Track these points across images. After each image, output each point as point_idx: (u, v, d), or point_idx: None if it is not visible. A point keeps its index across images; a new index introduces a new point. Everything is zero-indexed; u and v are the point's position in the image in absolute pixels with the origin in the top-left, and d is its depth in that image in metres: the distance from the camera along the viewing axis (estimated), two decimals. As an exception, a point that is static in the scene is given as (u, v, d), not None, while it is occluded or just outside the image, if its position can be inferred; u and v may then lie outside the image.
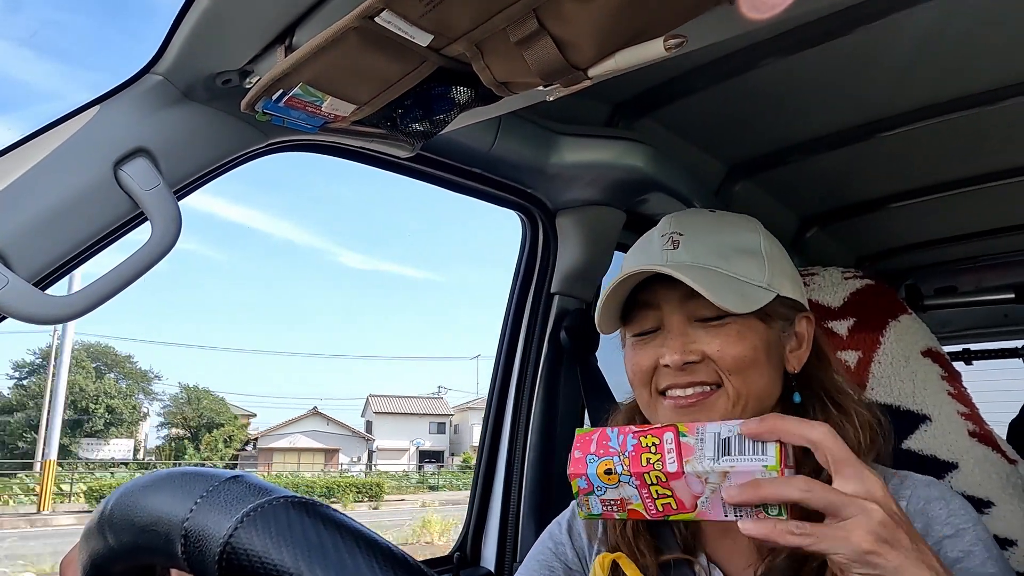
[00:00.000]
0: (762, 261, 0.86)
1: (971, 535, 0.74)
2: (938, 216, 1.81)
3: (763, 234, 0.89)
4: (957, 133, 1.37)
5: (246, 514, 0.39)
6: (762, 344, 0.82)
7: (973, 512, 0.77)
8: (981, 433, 1.21)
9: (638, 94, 1.31)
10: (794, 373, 0.86)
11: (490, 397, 1.57)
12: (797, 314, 0.87)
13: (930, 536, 0.75)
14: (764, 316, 0.83)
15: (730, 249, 0.85)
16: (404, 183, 30.62)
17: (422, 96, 0.82)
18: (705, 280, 0.78)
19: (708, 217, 0.91)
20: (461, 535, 1.55)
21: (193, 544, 0.40)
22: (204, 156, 0.89)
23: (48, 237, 0.77)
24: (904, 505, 0.77)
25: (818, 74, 1.20)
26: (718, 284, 0.80)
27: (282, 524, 0.39)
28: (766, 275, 0.84)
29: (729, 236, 0.87)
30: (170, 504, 0.42)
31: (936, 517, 0.76)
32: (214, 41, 0.79)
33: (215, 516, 0.40)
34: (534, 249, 1.52)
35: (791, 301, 0.86)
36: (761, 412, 0.83)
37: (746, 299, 0.81)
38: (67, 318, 0.76)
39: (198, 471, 0.45)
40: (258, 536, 0.38)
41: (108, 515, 0.45)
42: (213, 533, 0.39)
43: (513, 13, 0.66)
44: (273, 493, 0.41)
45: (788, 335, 0.87)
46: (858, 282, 1.36)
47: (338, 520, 0.40)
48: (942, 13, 1.02)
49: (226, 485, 0.42)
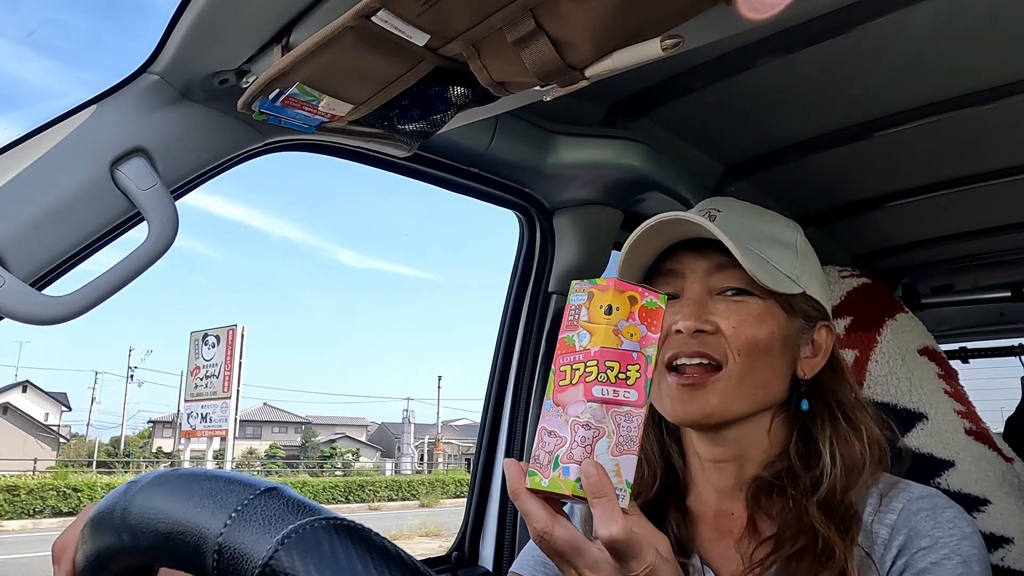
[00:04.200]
0: (795, 254, 0.86)
1: (948, 548, 0.72)
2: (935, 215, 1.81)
3: (800, 234, 0.90)
4: (954, 132, 1.37)
5: (287, 535, 0.38)
6: (779, 333, 0.82)
7: (964, 527, 0.75)
8: (977, 431, 1.21)
9: (635, 94, 1.32)
10: (804, 379, 0.85)
11: (488, 396, 1.57)
12: (819, 321, 0.87)
13: (909, 548, 0.74)
14: (787, 306, 0.83)
15: (765, 235, 0.86)
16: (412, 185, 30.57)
17: (419, 96, 0.82)
18: (740, 249, 0.78)
19: (747, 205, 0.91)
20: (459, 534, 1.55)
21: (227, 561, 0.38)
22: (201, 156, 0.89)
23: (45, 237, 0.77)
24: (893, 518, 0.76)
25: (814, 74, 1.20)
26: (751, 257, 0.80)
27: (325, 550, 0.37)
28: (796, 268, 0.84)
29: (767, 224, 0.88)
30: (201, 514, 0.40)
31: (919, 529, 0.74)
32: (211, 41, 0.79)
33: (253, 534, 0.38)
34: (531, 248, 1.52)
35: (816, 304, 0.86)
36: (764, 406, 0.83)
37: (775, 280, 0.81)
38: (63, 318, 0.76)
39: (230, 477, 0.43)
40: (301, 561, 0.37)
41: (123, 512, 0.43)
42: (251, 552, 0.38)
43: (510, 13, 0.66)
44: (315, 512, 0.39)
45: (806, 339, 0.86)
46: (855, 281, 1.36)
47: (382, 546, 0.39)
48: (938, 13, 1.02)
49: (262, 499, 0.40)
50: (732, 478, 0.85)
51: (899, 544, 0.74)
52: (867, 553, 0.75)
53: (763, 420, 0.84)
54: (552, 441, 0.62)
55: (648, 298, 0.64)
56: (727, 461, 0.85)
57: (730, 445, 0.84)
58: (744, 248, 0.80)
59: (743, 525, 0.83)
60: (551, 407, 0.63)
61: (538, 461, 0.63)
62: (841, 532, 0.75)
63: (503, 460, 0.62)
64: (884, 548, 0.75)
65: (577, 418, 0.61)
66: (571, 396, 0.62)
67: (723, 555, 0.83)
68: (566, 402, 0.62)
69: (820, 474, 0.79)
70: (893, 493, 0.79)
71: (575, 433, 0.61)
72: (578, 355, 0.63)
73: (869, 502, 0.79)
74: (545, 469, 0.62)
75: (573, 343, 0.64)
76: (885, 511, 0.77)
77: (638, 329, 0.64)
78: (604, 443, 0.61)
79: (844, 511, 0.77)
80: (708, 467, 0.86)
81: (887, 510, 0.77)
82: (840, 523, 0.76)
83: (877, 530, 0.76)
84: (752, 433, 0.84)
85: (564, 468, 0.61)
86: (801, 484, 0.80)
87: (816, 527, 0.75)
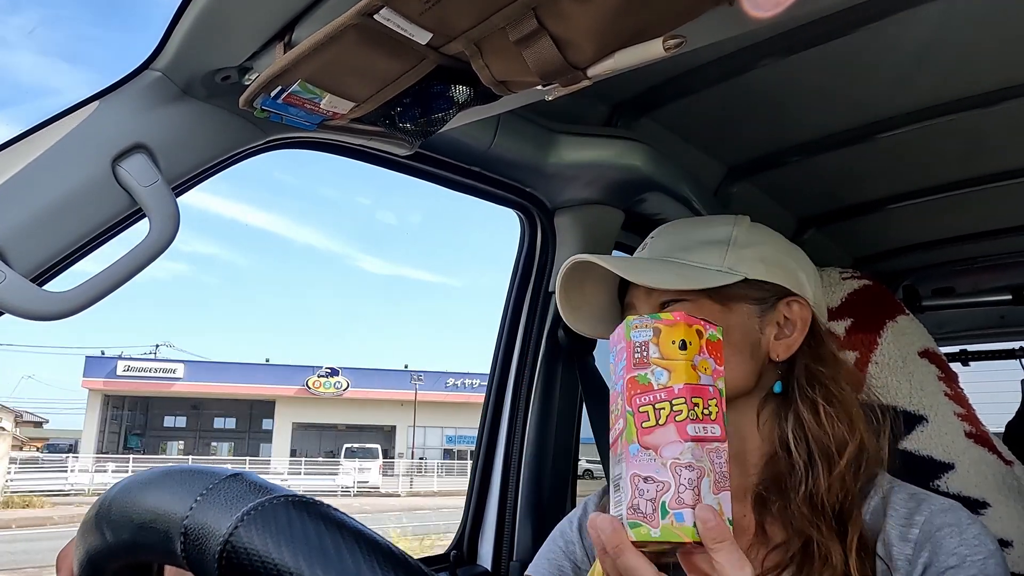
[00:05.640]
0: (724, 248, 0.85)
1: (976, 567, 0.71)
2: (936, 217, 1.81)
3: (742, 226, 0.89)
4: (956, 134, 1.37)
5: (247, 512, 0.39)
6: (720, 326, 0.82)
7: (989, 544, 0.73)
8: (978, 434, 1.21)
9: (637, 94, 1.31)
10: (780, 361, 0.84)
11: (487, 395, 1.57)
12: (781, 299, 0.85)
13: (935, 565, 0.72)
14: (722, 299, 0.82)
15: (694, 242, 0.87)
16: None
17: (421, 94, 0.82)
18: (632, 265, 0.83)
19: (690, 222, 0.94)
20: (458, 533, 1.55)
21: (193, 542, 0.40)
22: (202, 153, 0.89)
23: (46, 233, 0.77)
24: (916, 533, 0.74)
25: (817, 75, 1.20)
26: (649, 268, 0.83)
27: (282, 523, 0.39)
28: (725, 260, 0.84)
29: (699, 232, 0.89)
30: (169, 501, 0.42)
31: (944, 546, 0.73)
32: (213, 37, 0.79)
33: (215, 514, 0.40)
34: (532, 248, 1.52)
35: (767, 284, 0.84)
36: (735, 398, 0.80)
37: (684, 279, 0.82)
38: (65, 314, 0.76)
39: (199, 468, 0.44)
40: (259, 535, 0.38)
41: (106, 511, 0.45)
42: (213, 531, 0.39)
43: (512, 12, 0.66)
44: (274, 492, 0.41)
45: (768, 320, 0.84)
46: (856, 283, 1.36)
47: (339, 520, 0.40)
48: (940, 16, 1.02)
49: (226, 483, 0.42)
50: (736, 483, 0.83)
51: (924, 562, 0.73)
52: (887, 567, 0.73)
53: (748, 416, 0.83)
54: (652, 488, 0.59)
55: (710, 331, 0.65)
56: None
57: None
58: (652, 263, 0.85)
59: (752, 532, 0.81)
60: (639, 451, 0.60)
61: (640, 511, 0.59)
62: (836, 532, 0.73)
63: (591, 516, 0.60)
64: (908, 563, 0.73)
65: (677, 459, 0.59)
66: (663, 437, 0.60)
67: None
68: (658, 444, 0.60)
69: (802, 468, 0.77)
70: (912, 504, 0.77)
71: (678, 476, 0.59)
72: (658, 393, 0.61)
73: (881, 508, 0.77)
74: (651, 518, 0.59)
75: (649, 382, 0.62)
76: (907, 525, 0.75)
77: (709, 363, 0.63)
78: (706, 483, 0.59)
79: (839, 509, 0.75)
80: None
81: (909, 524, 0.75)
82: (833, 522, 0.74)
83: (898, 545, 0.74)
84: (741, 431, 0.83)
85: (676, 514, 0.58)
86: (787, 482, 0.78)
87: (805, 527, 0.74)
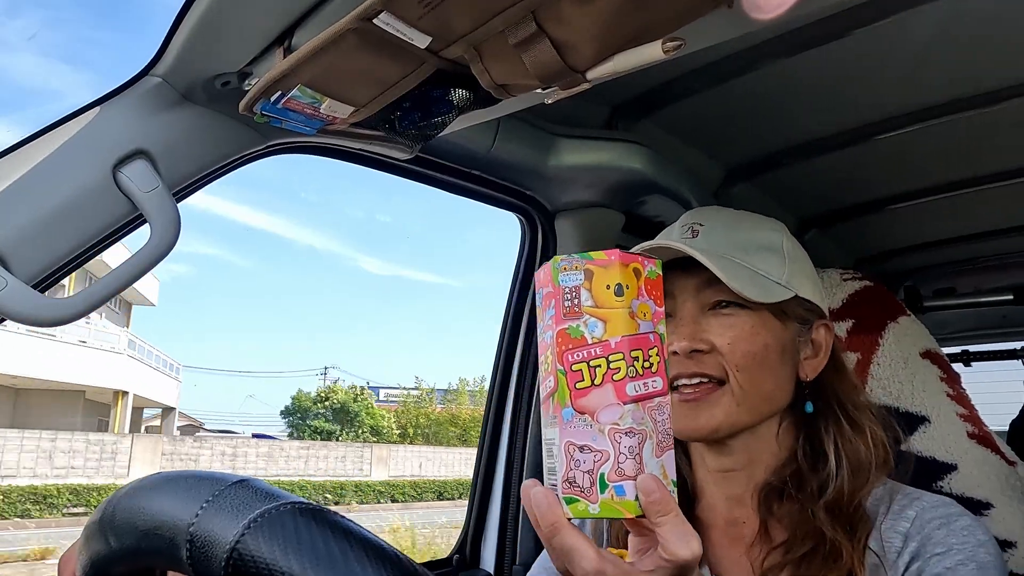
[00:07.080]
0: (782, 258, 0.85)
1: (963, 554, 0.72)
2: (937, 218, 1.81)
3: (786, 235, 0.89)
4: (956, 135, 1.37)
5: (253, 520, 0.39)
6: (775, 343, 0.81)
7: (979, 535, 0.74)
8: (980, 435, 1.21)
9: (637, 96, 1.31)
10: (807, 381, 0.85)
11: (489, 399, 1.57)
12: (816, 320, 0.86)
13: (922, 554, 0.73)
14: (780, 314, 0.82)
15: (750, 243, 0.85)
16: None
17: (421, 98, 0.82)
18: (723, 266, 0.78)
19: (731, 213, 0.90)
20: (460, 537, 1.54)
21: (199, 549, 0.39)
22: (203, 158, 0.89)
23: (47, 239, 0.77)
24: (906, 526, 0.76)
25: (816, 76, 1.20)
26: (735, 271, 0.79)
27: (289, 530, 0.38)
28: (785, 272, 0.83)
29: (750, 232, 0.87)
30: (175, 507, 0.41)
31: (933, 537, 0.74)
32: (213, 43, 0.79)
33: (222, 521, 0.39)
34: (533, 250, 1.52)
35: (810, 304, 0.85)
36: (770, 414, 0.82)
37: (764, 290, 0.80)
38: (65, 320, 0.76)
39: (203, 474, 0.44)
40: (266, 542, 0.38)
41: (110, 517, 0.44)
42: (220, 538, 0.39)
43: (511, 15, 0.66)
44: (280, 498, 0.41)
45: (804, 341, 0.85)
46: (857, 284, 1.36)
47: (346, 527, 0.40)
48: (939, 16, 1.02)
49: (232, 490, 0.41)
50: (742, 486, 0.84)
51: (912, 551, 0.74)
52: (879, 559, 0.74)
53: (770, 427, 0.84)
54: (589, 458, 0.52)
55: (649, 267, 0.56)
56: (736, 470, 0.84)
57: (739, 455, 0.83)
58: (728, 262, 0.79)
59: (755, 532, 0.82)
60: (573, 416, 0.53)
61: (576, 484, 0.52)
62: (848, 534, 0.75)
63: (523, 488, 0.54)
64: (896, 555, 0.74)
65: (616, 425, 0.52)
66: (599, 400, 0.52)
67: (734, 563, 0.82)
68: (594, 408, 0.52)
69: (827, 476, 0.79)
70: (905, 502, 0.78)
71: (618, 444, 0.52)
72: (593, 349, 0.53)
73: (880, 508, 0.79)
74: (589, 493, 0.52)
75: (582, 335, 0.53)
76: (898, 519, 0.77)
77: (649, 306, 0.54)
78: (648, 446, 0.52)
79: (851, 513, 0.77)
80: (717, 477, 0.86)
81: (900, 518, 0.77)
82: (847, 525, 0.76)
83: (890, 538, 0.76)
84: (760, 441, 0.84)
85: (617, 487, 0.52)
86: (808, 487, 0.79)
87: (824, 530, 0.75)
